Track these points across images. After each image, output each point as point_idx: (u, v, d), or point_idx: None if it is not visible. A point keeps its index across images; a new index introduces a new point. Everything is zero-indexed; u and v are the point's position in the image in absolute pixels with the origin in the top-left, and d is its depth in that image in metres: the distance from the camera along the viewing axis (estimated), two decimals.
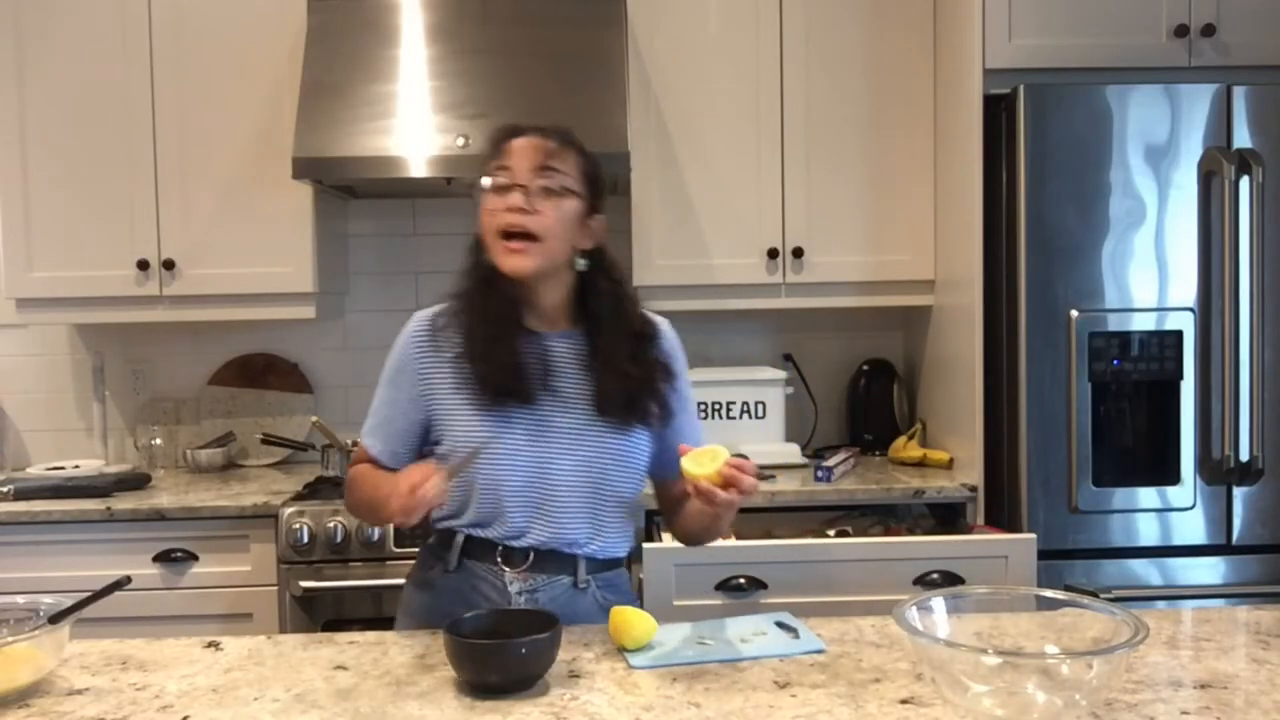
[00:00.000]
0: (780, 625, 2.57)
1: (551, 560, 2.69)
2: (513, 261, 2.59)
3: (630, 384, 2.67)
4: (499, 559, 2.68)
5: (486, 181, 2.64)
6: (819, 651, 2.39)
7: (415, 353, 2.75)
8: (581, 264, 2.72)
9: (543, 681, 2.20)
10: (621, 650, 2.40)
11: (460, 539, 2.71)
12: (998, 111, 4.26)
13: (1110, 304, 4.09)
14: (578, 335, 2.74)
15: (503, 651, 2.14)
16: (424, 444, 2.77)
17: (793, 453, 4.87)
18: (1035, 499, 4.11)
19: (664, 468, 2.81)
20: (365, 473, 2.76)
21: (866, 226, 4.82)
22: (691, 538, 2.85)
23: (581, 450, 2.67)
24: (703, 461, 2.42)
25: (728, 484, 2.41)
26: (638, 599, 2.90)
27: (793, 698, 2.11)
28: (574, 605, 2.69)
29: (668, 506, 2.89)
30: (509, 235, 2.59)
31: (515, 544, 2.68)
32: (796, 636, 2.49)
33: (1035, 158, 4.09)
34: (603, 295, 2.74)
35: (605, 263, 2.78)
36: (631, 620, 2.41)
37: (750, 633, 2.52)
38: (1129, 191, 4.09)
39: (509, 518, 2.66)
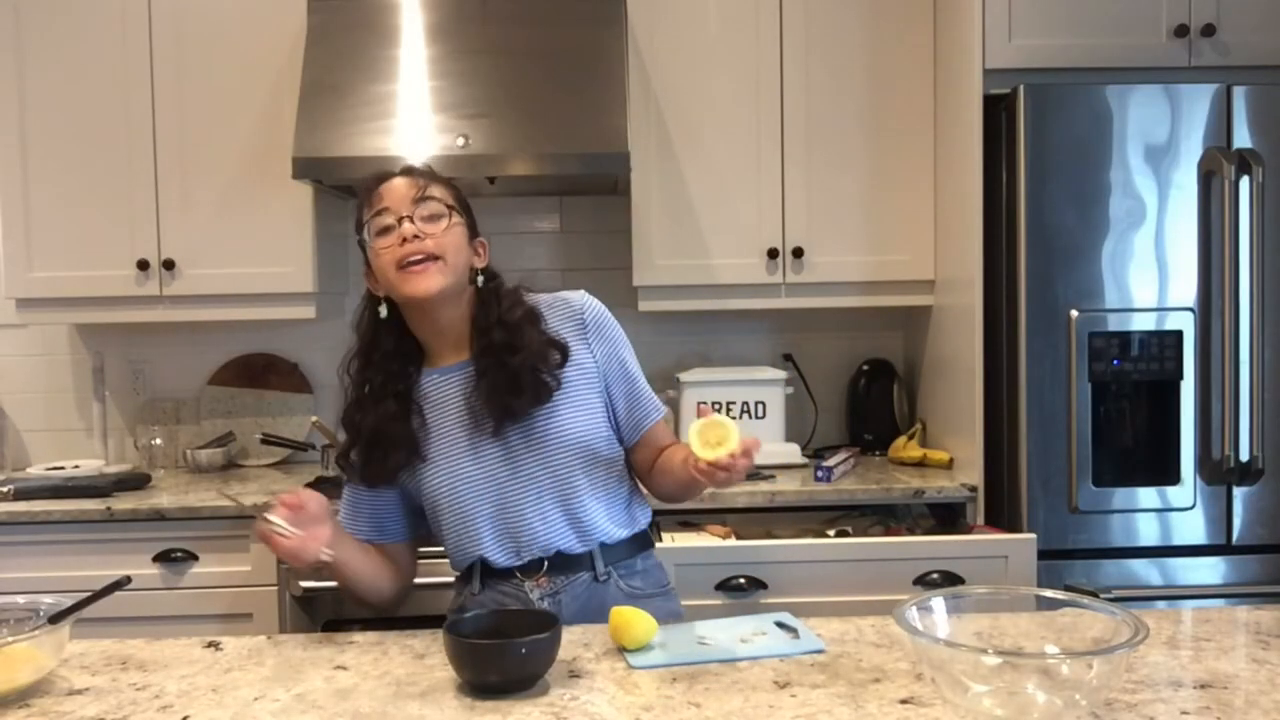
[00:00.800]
0: (780, 625, 2.57)
1: (565, 561, 2.72)
2: (419, 283, 2.62)
3: (509, 373, 2.66)
4: (516, 574, 2.72)
5: (370, 230, 2.68)
6: (819, 651, 2.39)
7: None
8: (480, 279, 2.76)
9: (543, 681, 2.20)
10: (621, 650, 2.40)
11: (478, 566, 2.75)
12: (998, 112, 4.26)
13: (1110, 304, 4.10)
14: (473, 360, 2.75)
15: (503, 651, 2.14)
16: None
17: (793, 453, 4.87)
18: (1035, 499, 4.11)
19: (629, 433, 2.84)
20: None
21: (866, 226, 4.82)
22: (672, 498, 2.87)
23: (523, 462, 2.69)
24: (709, 438, 2.42)
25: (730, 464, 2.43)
26: (669, 585, 2.88)
27: (793, 698, 2.12)
28: (600, 599, 2.71)
29: (642, 469, 2.88)
30: (408, 264, 2.62)
31: (516, 564, 2.72)
32: (796, 636, 2.49)
33: (1035, 158, 4.09)
34: (493, 312, 2.74)
35: (497, 282, 2.81)
36: (631, 620, 2.41)
37: (750, 633, 2.52)
38: (1129, 191, 4.09)
39: (499, 545, 2.71)
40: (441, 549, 2.83)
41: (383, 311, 2.71)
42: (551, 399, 2.67)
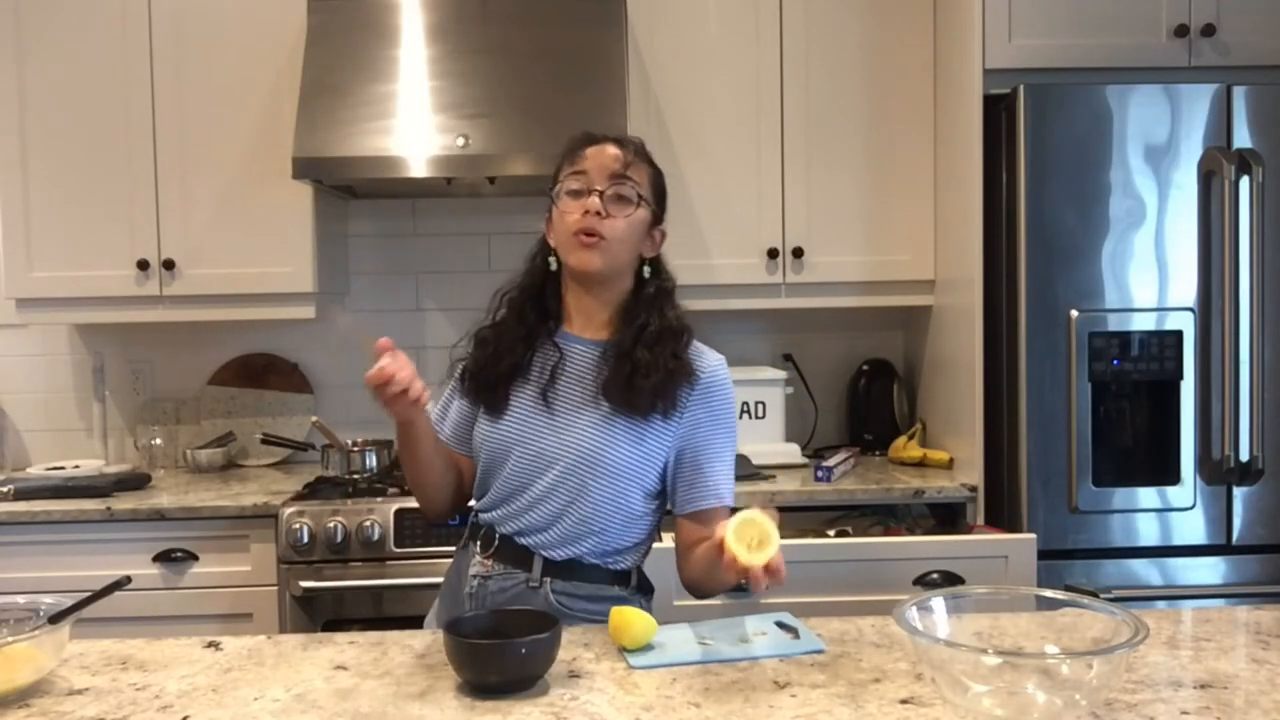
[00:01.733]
0: (780, 625, 2.57)
1: (510, 550, 2.75)
2: (584, 256, 2.70)
3: (639, 370, 2.69)
4: (479, 541, 2.80)
5: (563, 187, 2.75)
6: (819, 652, 2.39)
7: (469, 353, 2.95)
8: (645, 271, 2.82)
9: (543, 681, 2.20)
10: (622, 650, 2.40)
11: (470, 518, 2.88)
12: (998, 111, 4.26)
13: (1110, 304, 4.10)
14: (614, 343, 2.77)
15: (502, 651, 2.14)
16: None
17: (793, 453, 4.87)
18: (1035, 499, 4.11)
19: (680, 502, 2.79)
20: None
21: (866, 226, 4.82)
22: (697, 589, 2.77)
23: (574, 448, 2.70)
24: (746, 536, 2.32)
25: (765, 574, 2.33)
26: (597, 613, 2.85)
27: (793, 698, 2.12)
28: (522, 603, 2.70)
29: (682, 546, 2.81)
30: (581, 233, 2.69)
31: (483, 520, 2.80)
32: (797, 637, 2.49)
33: (1035, 158, 4.09)
34: (649, 302, 2.80)
35: (662, 273, 2.87)
36: (631, 620, 2.41)
37: (751, 633, 2.52)
38: (1129, 191, 4.09)
39: (489, 496, 2.79)
40: (438, 551, 2.85)
41: (553, 263, 2.80)
42: (663, 412, 2.71)
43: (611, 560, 2.78)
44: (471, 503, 2.88)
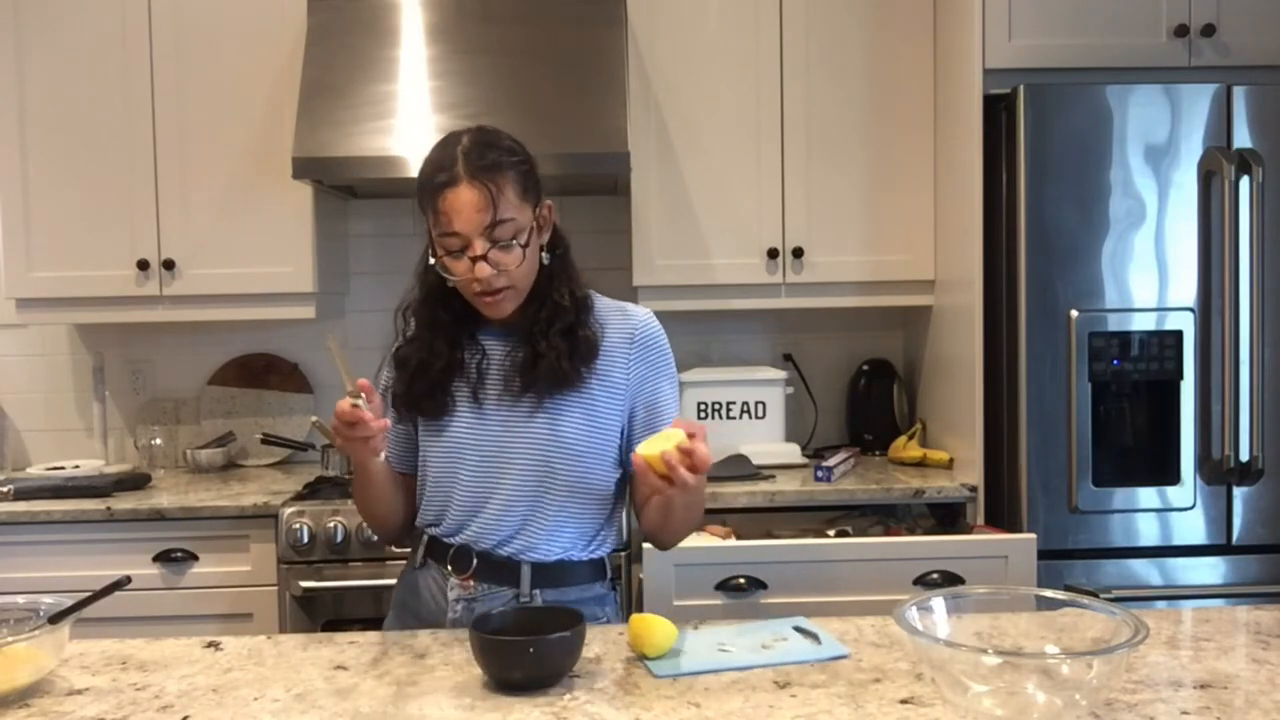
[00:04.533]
0: (799, 630, 2.57)
1: (493, 567, 2.72)
2: (494, 310, 2.68)
3: (539, 354, 2.69)
4: (448, 562, 2.75)
5: (440, 248, 2.64)
6: (843, 657, 2.38)
7: (387, 364, 2.89)
8: (546, 258, 2.75)
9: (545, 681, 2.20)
10: (642, 659, 2.38)
11: (425, 538, 2.82)
12: (998, 111, 4.26)
13: (1110, 304, 4.10)
14: (521, 330, 2.76)
15: (525, 648, 2.16)
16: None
17: (793, 453, 4.87)
18: (1035, 499, 4.11)
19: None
20: None
21: (867, 226, 4.82)
22: (655, 535, 2.80)
23: (516, 444, 2.70)
24: (654, 444, 2.38)
25: (680, 463, 2.35)
26: (604, 619, 2.83)
27: (793, 698, 2.12)
28: None
29: (639, 500, 2.82)
30: (482, 293, 2.64)
31: (452, 541, 2.74)
32: (818, 642, 2.48)
33: (1035, 158, 4.09)
34: (549, 281, 2.76)
35: (561, 257, 2.81)
36: (653, 627, 2.39)
37: (770, 638, 2.51)
38: (1129, 191, 4.09)
39: (450, 512, 2.75)
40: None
41: (450, 280, 2.67)
42: (568, 388, 2.69)
43: (595, 546, 2.80)
44: (429, 525, 2.82)
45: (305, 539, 4.23)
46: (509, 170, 2.60)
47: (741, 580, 3.39)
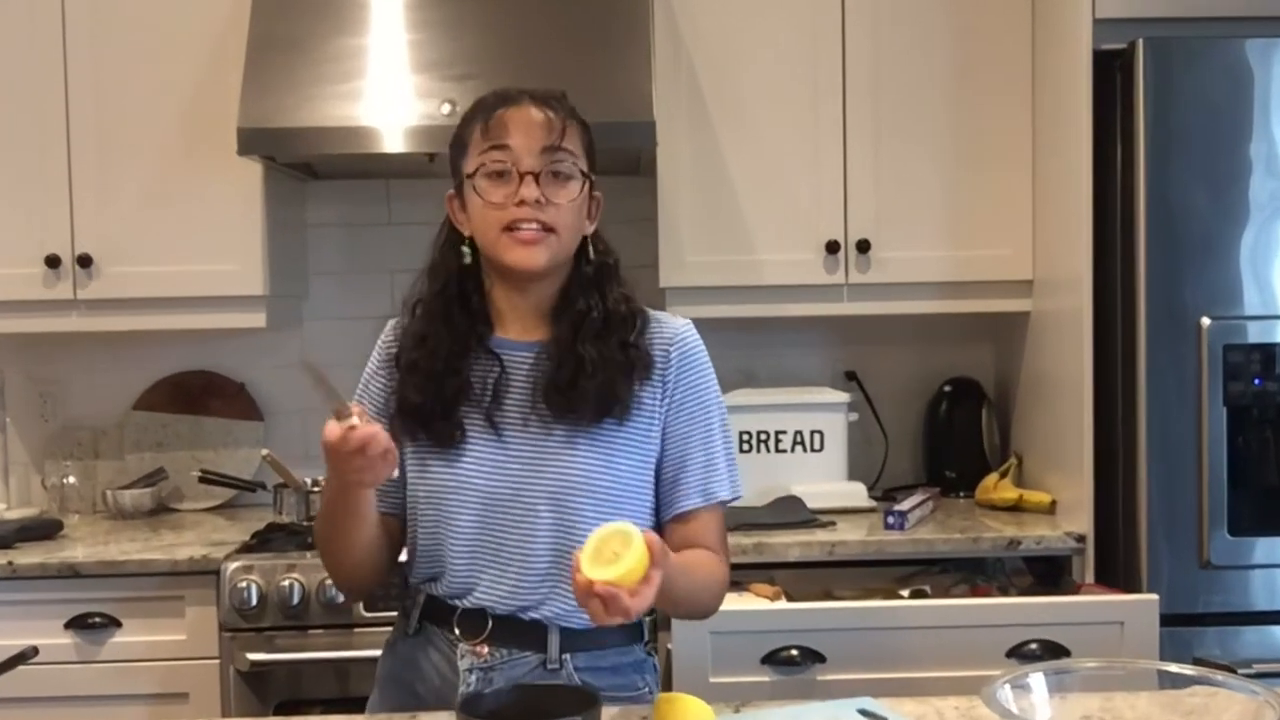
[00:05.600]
0: (866, 714, 2.57)
1: (513, 630, 2.73)
2: (524, 254, 2.68)
3: (583, 368, 2.71)
4: (455, 625, 2.76)
5: (481, 168, 2.70)
6: None
7: (381, 369, 2.90)
8: (589, 251, 2.82)
9: None
10: None
11: (421, 598, 2.83)
12: (1111, 71, 4.27)
13: (1250, 310, 4.10)
14: (552, 340, 2.78)
15: None
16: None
17: (857, 494, 4.89)
18: (1157, 551, 4.12)
19: (664, 507, 2.83)
20: None
21: (949, 214, 4.83)
22: (674, 608, 2.81)
23: (545, 478, 2.72)
24: (605, 552, 2.29)
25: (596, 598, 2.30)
26: (646, 690, 2.84)
27: None
28: None
29: None
30: (518, 228, 2.67)
31: (463, 603, 2.75)
32: None
33: (1158, 129, 4.10)
34: (588, 285, 2.81)
35: (601, 248, 2.87)
36: (683, 710, 2.39)
37: None
38: (1274, 170, 4.09)
39: (453, 569, 2.75)
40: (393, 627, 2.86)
41: (466, 255, 2.78)
42: (617, 416, 2.72)
43: None
44: (425, 581, 2.82)
45: (253, 601, 4.24)
46: (577, 122, 2.78)
47: (794, 652, 3.41)
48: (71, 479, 5.21)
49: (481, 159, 2.69)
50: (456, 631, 2.74)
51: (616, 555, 2.27)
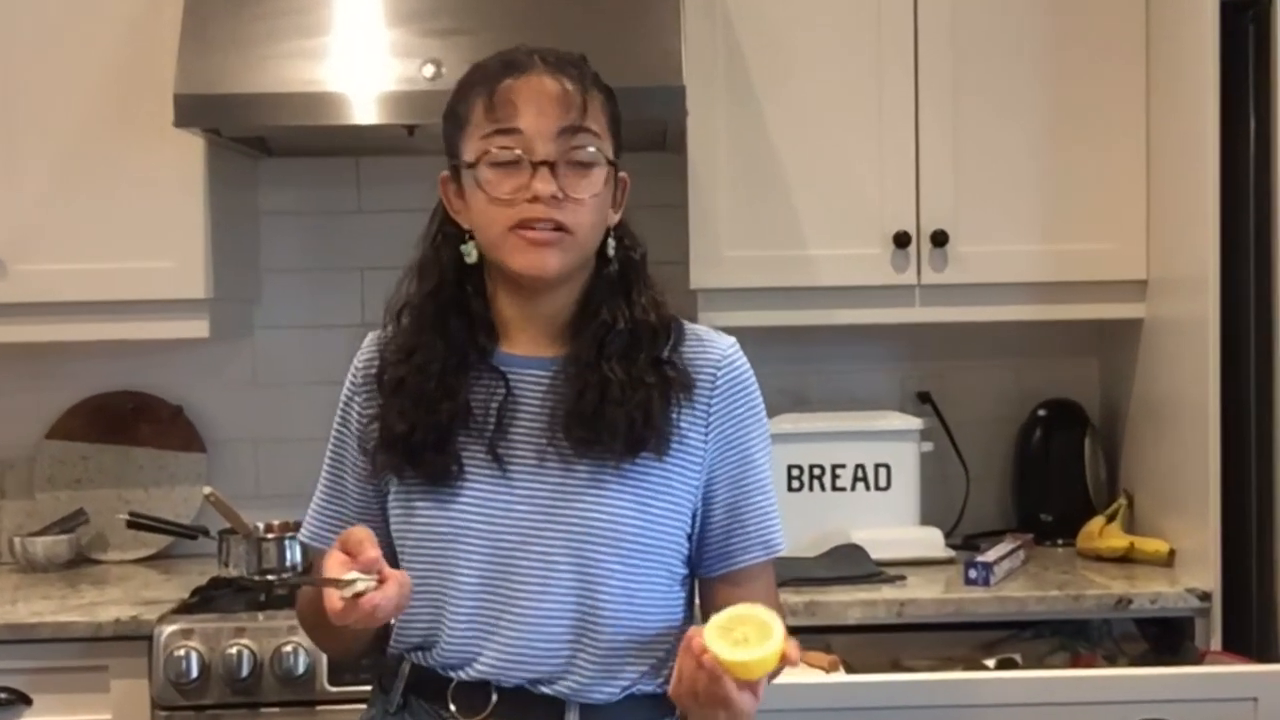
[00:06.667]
0: None
1: (523, 706, 2.72)
2: (535, 258, 2.66)
3: (609, 392, 2.70)
4: (450, 699, 2.74)
5: (486, 153, 2.68)
6: None
7: (359, 391, 2.88)
8: (611, 247, 2.82)
9: None
10: None
11: (406, 668, 2.81)
12: (1242, 25, 4.28)
13: None
14: (569, 358, 2.78)
15: None
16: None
17: (932, 541, 4.91)
18: None
19: (710, 560, 2.84)
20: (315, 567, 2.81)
21: (1043, 199, 4.85)
22: None
23: (565, 524, 2.71)
24: (737, 634, 2.37)
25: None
26: None
27: None
28: None
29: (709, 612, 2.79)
30: (528, 227, 2.65)
31: (461, 675, 2.73)
32: None
33: None
34: (611, 289, 2.81)
35: (626, 241, 2.88)
36: None
37: None
38: None
39: (451, 633, 2.73)
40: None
41: (470, 255, 2.76)
42: (655, 449, 2.71)
43: (665, 668, 2.75)
44: (412, 649, 2.81)
45: (194, 672, 4.25)
46: (599, 91, 2.76)
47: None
48: None
49: (485, 144, 2.66)
50: (452, 708, 2.72)
51: (746, 640, 2.33)
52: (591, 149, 2.68)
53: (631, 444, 2.67)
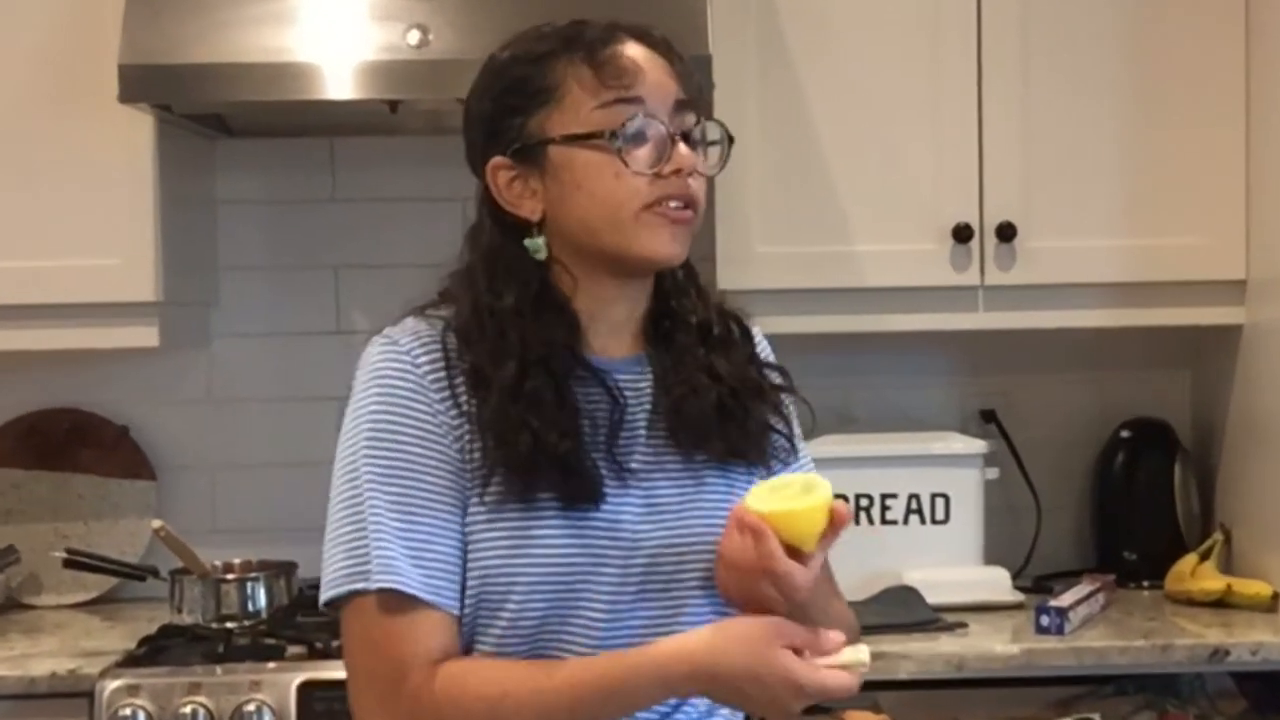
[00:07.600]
0: None
1: None
2: (668, 239, 2.68)
3: (725, 389, 2.74)
4: None
5: (622, 127, 2.66)
6: None
7: (416, 398, 2.70)
8: None
9: None
10: None
11: None
12: None
13: None
14: (647, 359, 2.83)
15: None
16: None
17: (998, 583, 4.93)
18: None
19: None
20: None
21: (1126, 188, 4.88)
22: None
23: (695, 533, 2.71)
24: (783, 496, 2.47)
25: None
26: None
27: None
28: None
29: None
30: (668, 206, 2.67)
31: None
32: None
33: None
34: (680, 283, 2.85)
35: None
36: None
37: None
38: None
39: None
40: None
41: (540, 250, 2.72)
42: (780, 454, 2.80)
43: None
44: None
45: None
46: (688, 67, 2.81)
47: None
48: None
49: (608, 115, 2.63)
50: None
51: (792, 500, 2.44)
52: (714, 126, 2.77)
53: (760, 446, 2.75)
